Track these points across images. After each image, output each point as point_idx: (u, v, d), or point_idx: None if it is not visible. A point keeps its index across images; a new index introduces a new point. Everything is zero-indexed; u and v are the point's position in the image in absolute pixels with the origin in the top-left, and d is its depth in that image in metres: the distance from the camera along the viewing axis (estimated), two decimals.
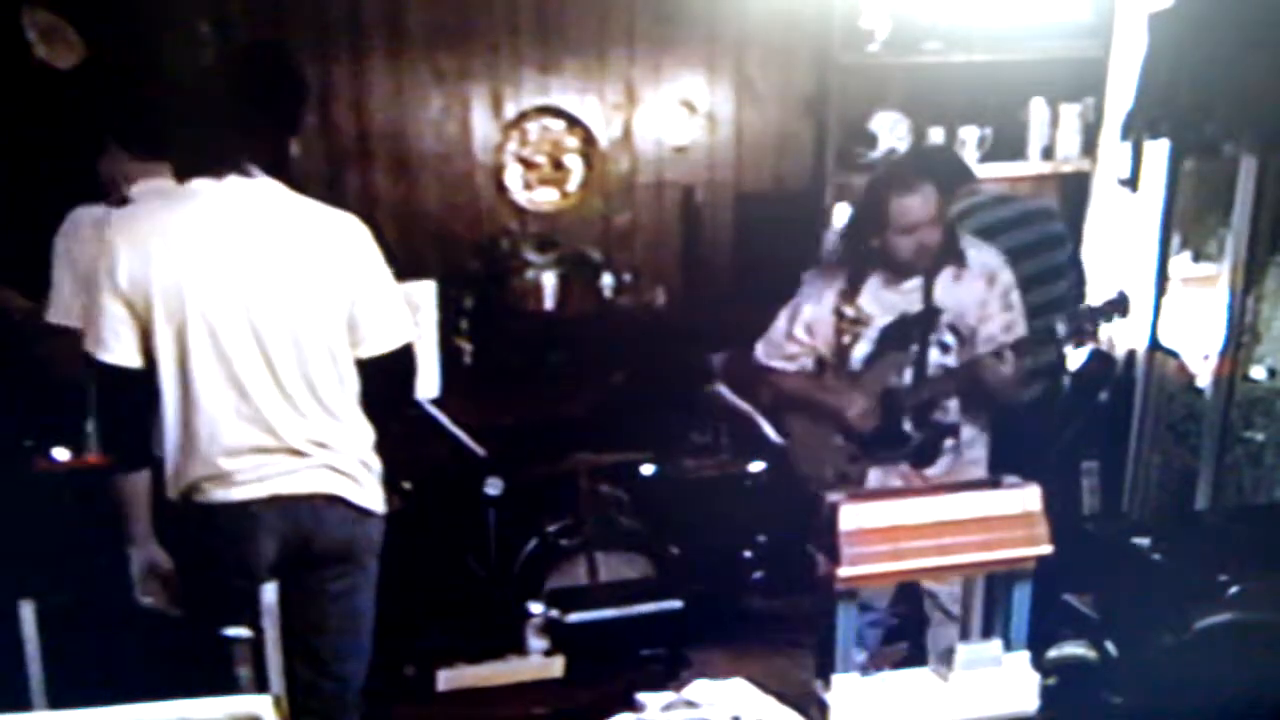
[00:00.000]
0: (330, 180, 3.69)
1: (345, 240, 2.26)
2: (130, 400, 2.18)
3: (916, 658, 2.79)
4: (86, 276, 2.67)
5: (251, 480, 2.20)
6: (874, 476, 2.75)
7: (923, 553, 1.55)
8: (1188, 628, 1.94)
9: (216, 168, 2.18)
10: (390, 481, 2.98)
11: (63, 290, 2.79)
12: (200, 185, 2.18)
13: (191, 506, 2.22)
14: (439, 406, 3.15)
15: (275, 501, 2.22)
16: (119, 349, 2.13)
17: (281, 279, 2.17)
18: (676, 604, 3.30)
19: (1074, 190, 4.15)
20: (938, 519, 1.56)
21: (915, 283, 2.70)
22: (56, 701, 2.41)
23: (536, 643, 3.23)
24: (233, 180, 2.18)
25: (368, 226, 2.32)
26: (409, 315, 2.37)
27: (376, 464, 2.36)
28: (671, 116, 3.96)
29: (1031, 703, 1.64)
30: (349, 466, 2.29)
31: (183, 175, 2.21)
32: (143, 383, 2.15)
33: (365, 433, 2.34)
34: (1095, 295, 3.01)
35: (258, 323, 2.15)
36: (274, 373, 2.18)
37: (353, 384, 2.29)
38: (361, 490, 2.31)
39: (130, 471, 2.21)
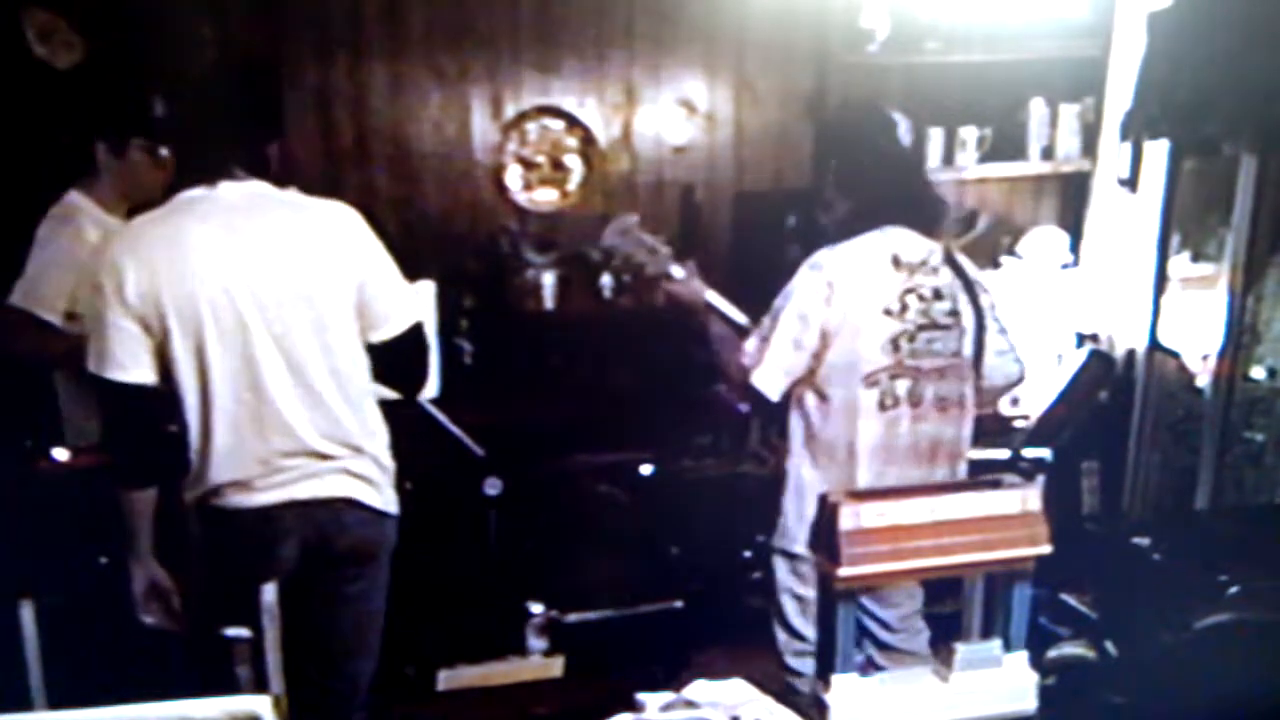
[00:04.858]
0: (330, 180, 3.68)
1: (343, 227, 2.27)
2: (144, 418, 2.16)
3: None
4: (69, 260, 2.69)
5: (272, 486, 2.19)
6: None
7: (923, 553, 1.55)
8: (1188, 628, 1.94)
9: (211, 173, 2.18)
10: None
11: (36, 274, 2.80)
12: (194, 194, 2.18)
13: (208, 511, 2.21)
14: (439, 406, 3.15)
15: (294, 506, 2.21)
16: (133, 368, 2.10)
17: (291, 274, 2.17)
18: (676, 604, 3.30)
19: (1074, 190, 4.16)
20: (938, 519, 1.56)
21: None
22: (56, 701, 2.41)
23: (536, 643, 3.24)
24: (225, 185, 2.19)
25: (369, 225, 2.33)
26: (413, 295, 2.38)
27: (391, 465, 2.37)
28: (671, 116, 3.97)
29: (1031, 703, 1.64)
30: (366, 470, 2.28)
31: (179, 184, 2.22)
32: (157, 399, 2.14)
33: (382, 432, 2.34)
34: None
35: (275, 322, 2.15)
36: (296, 372, 2.17)
37: (368, 382, 2.30)
38: (378, 493, 2.32)
39: (142, 489, 2.21)
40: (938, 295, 2.55)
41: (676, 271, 2.68)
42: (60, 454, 2.71)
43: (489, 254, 3.84)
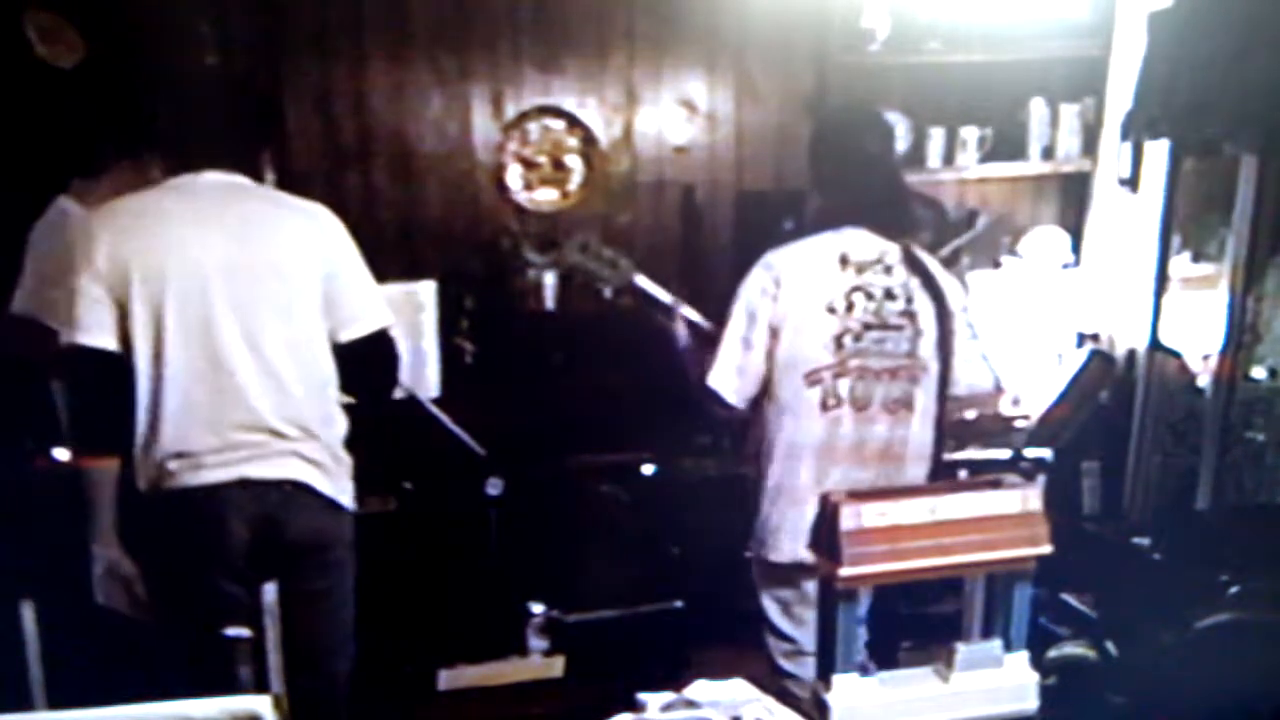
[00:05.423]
0: (330, 180, 3.69)
1: (316, 222, 2.33)
2: (103, 384, 2.20)
3: None
4: (63, 265, 2.73)
5: (223, 463, 2.21)
6: None
7: (923, 553, 1.55)
8: (1188, 628, 1.94)
9: (196, 164, 2.26)
10: (390, 481, 2.98)
11: (34, 281, 2.81)
12: (178, 180, 2.27)
13: (161, 495, 2.23)
14: (439, 406, 3.15)
15: (244, 485, 2.23)
16: (97, 331, 2.16)
17: (259, 255, 2.23)
18: (677, 604, 3.30)
19: (1074, 190, 4.15)
20: (938, 519, 1.56)
21: None
22: (56, 701, 2.41)
23: (536, 643, 3.24)
24: (209, 175, 2.26)
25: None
26: (383, 301, 2.41)
27: (347, 458, 2.38)
28: (672, 116, 3.97)
29: (1032, 703, 1.64)
30: (320, 456, 2.31)
31: (165, 172, 2.29)
32: (116, 367, 2.18)
33: (341, 424, 2.37)
34: None
35: (237, 296, 2.20)
36: (254, 348, 2.22)
37: (329, 373, 2.32)
38: (330, 481, 2.33)
39: (100, 457, 2.22)
40: (889, 295, 2.53)
41: (648, 285, 2.73)
42: (60, 454, 2.71)
43: (489, 254, 3.84)
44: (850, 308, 2.51)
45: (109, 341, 2.17)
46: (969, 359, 2.65)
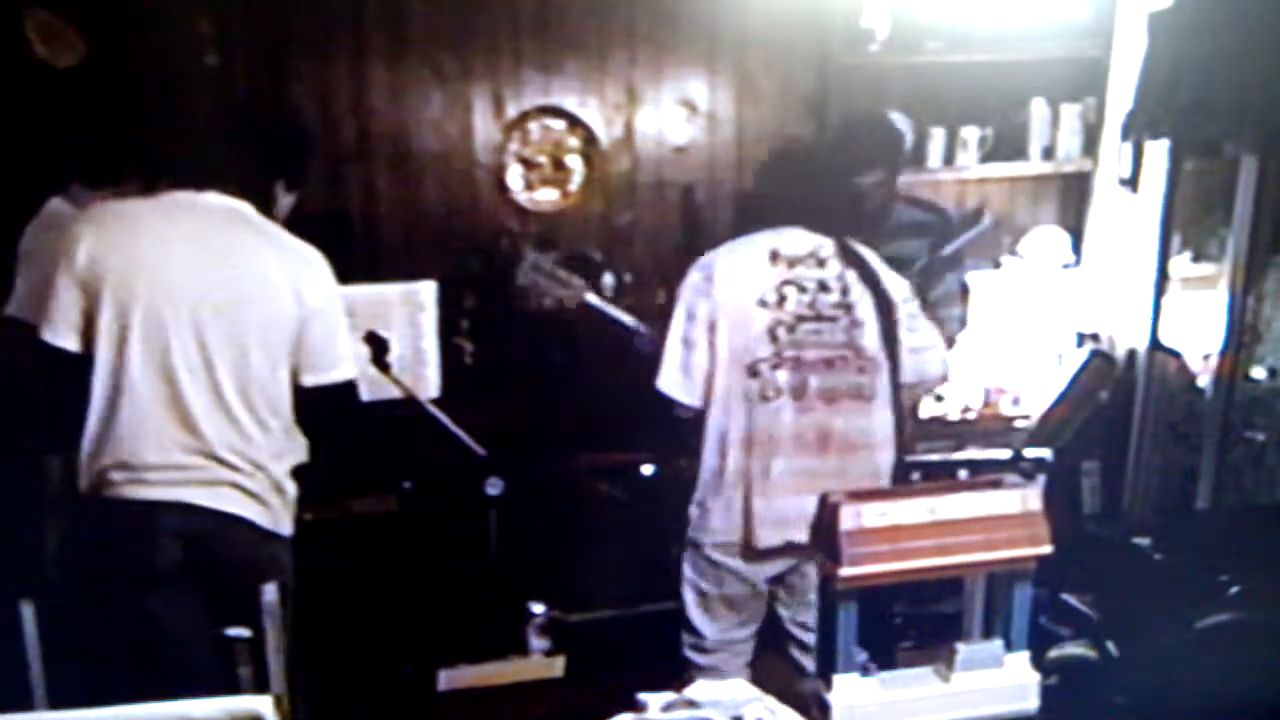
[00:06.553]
0: (330, 180, 3.68)
1: (305, 267, 2.33)
2: (61, 384, 2.22)
3: None
4: (47, 263, 2.73)
5: (161, 482, 2.21)
6: None
7: (923, 553, 1.55)
8: (1189, 627, 1.93)
9: (197, 183, 2.27)
10: (390, 481, 2.98)
11: (27, 282, 2.80)
12: (179, 195, 2.28)
13: (99, 501, 2.24)
14: (439, 406, 3.15)
15: (180, 507, 2.23)
16: (63, 329, 2.18)
17: (231, 284, 2.23)
18: (678, 604, 3.29)
19: (1075, 190, 4.15)
20: (938, 519, 1.56)
21: None
22: (56, 701, 2.41)
23: (537, 643, 3.24)
24: (208, 196, 2.27)
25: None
26: (354, 355, 2.43)
27: (292, 489, 2.39)
28: (672, 116, 3.97)
29: (1033, 703, 1.64)
30: (261, 488, 2.30)
31: (168, 188, 2.30)
32: (76, 369, 2.19)
33: (293, 456, 2.37)
34: None
35: (201, 322, 2.21)
36: (208, 371, 2.22)
37: (285, 408, 2.32)
38: (269, 514, 2.33)
39: (53, 455, 2.25)
40: (823, 287, 2.61)
41: (600, 303, 2.83)
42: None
43: (490, 254, 3.84)
44: (782, 301, 2.59)
45: (72, 342, 2.19)
46: (914, 348, 2.70)
